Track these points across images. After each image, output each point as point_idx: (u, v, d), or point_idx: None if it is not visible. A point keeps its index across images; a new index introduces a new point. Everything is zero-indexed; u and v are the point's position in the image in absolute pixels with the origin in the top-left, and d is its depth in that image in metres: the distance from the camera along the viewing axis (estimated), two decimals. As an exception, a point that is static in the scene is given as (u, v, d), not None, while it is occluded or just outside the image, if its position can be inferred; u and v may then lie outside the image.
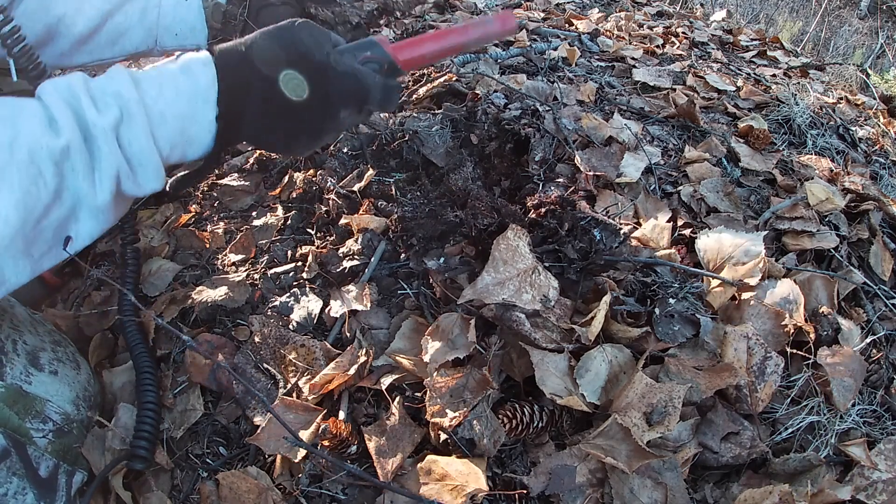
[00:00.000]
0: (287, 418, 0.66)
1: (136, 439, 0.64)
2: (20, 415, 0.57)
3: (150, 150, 0.52)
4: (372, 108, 0.63)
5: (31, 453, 0.56)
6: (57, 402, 0.61)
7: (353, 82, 0.60)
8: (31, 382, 0.60)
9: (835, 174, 1.10)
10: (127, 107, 0.50)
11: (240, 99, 0.56)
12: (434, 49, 0.67)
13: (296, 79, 0.56)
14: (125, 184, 0.52)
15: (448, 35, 0.67)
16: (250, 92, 0.56)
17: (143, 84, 0.52)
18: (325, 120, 0.60)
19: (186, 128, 0.54)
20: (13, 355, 0.59)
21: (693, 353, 0.73)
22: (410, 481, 0.61)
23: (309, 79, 0.57)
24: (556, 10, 1.95)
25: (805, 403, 0.71)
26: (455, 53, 0.75)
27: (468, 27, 0.68)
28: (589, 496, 0.61)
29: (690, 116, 1.20)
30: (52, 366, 0.63)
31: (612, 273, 0.79)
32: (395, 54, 0.64)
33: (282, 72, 0.56)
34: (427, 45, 0.67)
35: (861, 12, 5.35)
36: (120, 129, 0.50)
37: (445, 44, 0.67)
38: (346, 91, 0.59)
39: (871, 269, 0.93)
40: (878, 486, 0.64)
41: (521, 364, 0.69)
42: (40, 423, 0.58)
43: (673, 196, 1.01)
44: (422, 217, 0.81)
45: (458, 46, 0.68)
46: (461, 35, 0.67)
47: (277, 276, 0.84)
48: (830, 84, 1.80)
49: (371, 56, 0.63)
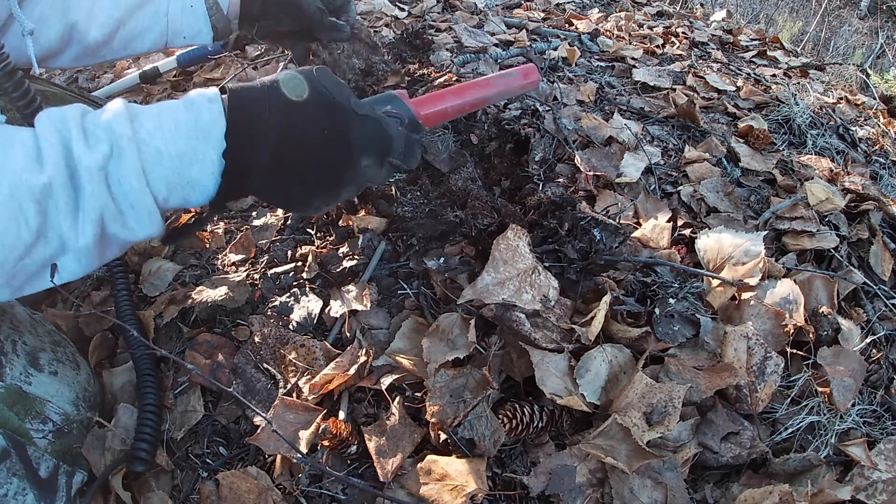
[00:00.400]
0: (287, 418, 0.66)
1: (137, 441, 0.64)
2: (20, 415, 0.57)
3: (142, 191, 0.46)
4: (394, 160, 0.58)
5: (31, 454, 0.56)
6: (57, 402, 0.61)
7: (376, 128, 0.56)
8: (31, 383, 0.60)
9: (835, 174, 1.10)
10: (118, 143, 0.45)
11: (250, 140, 0.50)
12: (455, 104, 0.65)
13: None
14: (111, 226, 0.46)
15: (470, 89, 0.66)
16: (264, 133, 0.50)
17: (140, 118, 0.47)
18: (345, 167, 0.55)
19: (186, 168, 0.48)
20: (13, 356, 0.59)
21: (693, 353, 0.73)
22: (410, 481, 0.61)
23: (329, 118, 0.52)
24: (556, 10, 1.95)
25: (805, 403, 0.71)
26: (477, 108, 0.72)
27: (490, 81, 0.66)
28: (589, 496, 0.61)
29: (690, 116, 1.20)
30: (51, 366, 0.63)
31: (612, 273, 0.79)
32: (416, 109, 0.62)
33: (303, 111, 0.51)
34: (448, 100, 0.65)
35: (861, 12, 5.35)
36: (109, 167, 0.45)
37: (468, 98, 0.65)
38: (368, 136, 0.55)
39: (871, 269, 0.93)
40: (878, 486, 0.64)
41: (521, 364, 0.69)
42: (40, 424, 0.58)
43: (673, 196, 1.01)
44: (422, 217, 0.81)
45: (480, 101, 0.66)
46: (483, 89, 0.66)
47: (277, 276, 0.84)
48: (830, 84, 1.80)
49: (391, 110, 0.60)
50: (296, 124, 0.51)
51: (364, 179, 0.58)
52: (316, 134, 0.52)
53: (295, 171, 0.52)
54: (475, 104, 0.66)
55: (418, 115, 0.62)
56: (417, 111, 0.62)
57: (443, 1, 1.79)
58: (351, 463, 0.65)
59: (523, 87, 0.68)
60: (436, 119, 0.64)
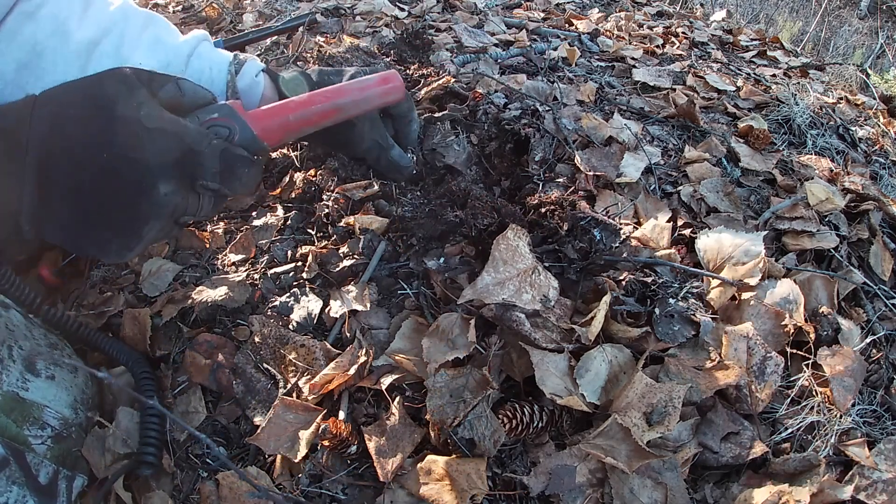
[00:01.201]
0: (287, 418, 0.66)
1: (142, 445, 0.63)
2: (18, 422, 0.56)
3: None
4: (208, 183, 0.46)
5: (31, 460, 0.55)
6: (55, 407, 0.61)
7: (173, 143, 0.44)
8: (28, 389, 0.59)
9: (835, 174, 1.10)
10: None
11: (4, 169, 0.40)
12: (300, 115, 0.54)
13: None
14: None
15: (318, 97, 0.56)
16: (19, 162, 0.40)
17: None
18: (138, 196, 0.43)
19: None
20: (9, 362, 0.59)
21: (693, 353, 0.73)
22: (410, 481, 0.61)
23: (107, 135, 0.42)
24: (556, 10, 1.95)
25: (805, 403, 0.71)
26: (331, 119, 0.60)
27: (343, 89, 0.57)
28: (589, 496, 0.61)
29: (690, 116, 1.20)
30: (48, 370, 0.63)
31: (612, 273, 0.79)
32: (252, 121, 0.51)
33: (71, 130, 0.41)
34: (292, 111, 0.54)
35: (861, 12, 5.35)
36: None
37: (315, 108, 0.55)
38: (162, 154, 0.43)
39: (871, 269, 0.93)
40: (878, 486, 0.64)
41: (521, 364, 0.69)
42: (38, 430, 0.58)
43: (673, 196, 1.01)
44: (422, 217, 0.81)
45: (331, 111, 0.56)
46: (335, 97, 0.56)
47: (277, 276, 0.84)
48: (830, 84, 1.80)
49: (216, 119, 0.49)
50: (64, 148, 0.41)
51: (171, 211, 0.46)
52: (92, 157, 0.42)
53: (73, 206, 0.42)
54: (326, 114, 0.56)
55: (254, 128, 0.51)
56: (254, 124, 0.51)
57: (443, 1, 1.79)
58: (351, 463, 0.65)
59: (384, 93, 0.58)
60: (279, 134, 0.54)
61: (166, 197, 0.44)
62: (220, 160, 0.46)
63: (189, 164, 0.45)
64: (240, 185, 0.49)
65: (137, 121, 0.43)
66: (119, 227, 0.44)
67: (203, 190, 0.47)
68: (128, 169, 0.42)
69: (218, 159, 0.46)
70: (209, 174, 0.46)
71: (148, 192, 0.43)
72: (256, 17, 1.71)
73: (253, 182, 0.51)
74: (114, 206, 0.43)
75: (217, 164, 0.46)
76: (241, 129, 0.50)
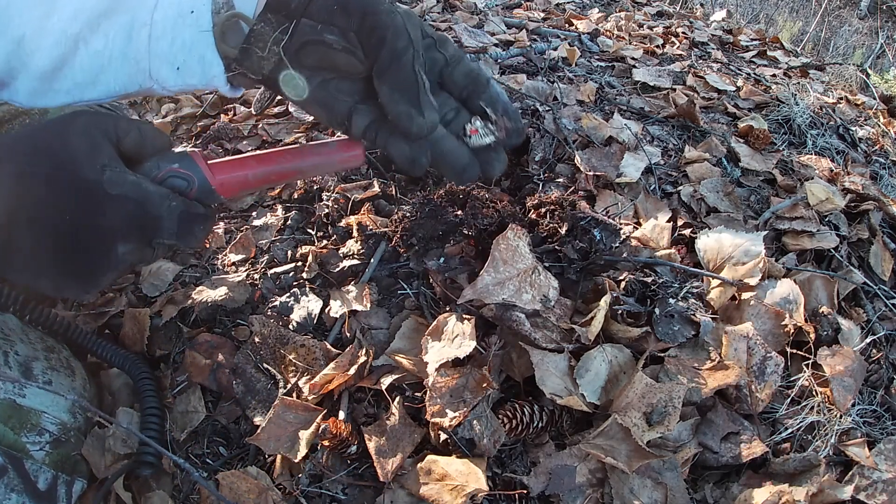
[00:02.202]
0: (287, 418, 0.66)
1: (142, 445, 0.63)
2: (15, 430, 0.56)
3: None
4: (164, 241, 0.48)
5: (29, 467, 0.55)
6: (52, 412, 0.60)
7: (134, 210, 0.45)
8: (25, 395, 0.58)
9: (835, 174, 1.10)
10: None
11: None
12: (260, 172, 0.54)
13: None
14: None
15: (279, 157, 0.55)
16: None
17: None
18: (98, 258, 0.46)
19: None
20: (5, 368, 0.58)
21: (693, 353, 0.73)
22: (410, 481, 0.61)
23: (68, 201, 0.43)
24: (556, 10, 1.95)
25: (805, 403, 0.71)
26: (289, 179, 0.59)
27: (304, 150, 0.56)
28: (589, 496, 0.61)
29: (690, 116, 1.20)
30: (45, 375, 0.62)
31: (612, 273, 0.79)
32: (210, 173, 0.51)
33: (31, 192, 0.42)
34: (251, 167, 0.54)
35: (861, 12, 5.35)
36: None
37: (275, 167, 0.55)
38: (123, 220, 0.45)
39: (871, 269, 0.93)
40: (878, 486, 0.64)
41: (521, 364, 0.69)
42: (36, 436, 0.57)
43: (673, 196, 1.01)
44: (422, 217, 0.81)
45: (291, 172, 0.56)
46: (295, 158, 0.55)
47: (277, 276, 0.84)
48: (830, 84, 1.80)
49: (176, 170, 0.49)
50: (28, 205, 0.42)
51: (126, 265, 0.48)
52: (54, 218, 0.43)
53: (34, 256, 0.44)
54: (284, 174, 0.55)
55: (212, 181, 0.51)
56: (212, 175, 0.51)
57: (443, 1, 1.79)
58: (351, 463, 0.65)
59: (344, 161, 0.56)
60: (235, 188, 0.53)
61: (124, 255, 0.47)
62: (178, 221, 0.49)
63: (147, 226, 0.47)
64: (193, 240, 0.51)
65: (100, 185, 0.44)
66: (77, 276, 0.46)
67: (158, 245, 0.49)
68: (89, 232, 0.45)
69: (176, 221, 0.48)
70: (166, 234, 0.48)
71: (107, 252, 0.46)
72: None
73: (206, 235, 0.52)
74: (73, 260, 0.45)
75: (175, 225, 0.48)
76: (199, 181, 0.51)
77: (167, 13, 0.50)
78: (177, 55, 0.51)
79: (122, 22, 0.51)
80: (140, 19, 0.51)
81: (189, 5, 0.50)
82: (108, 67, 0.52)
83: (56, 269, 0.45)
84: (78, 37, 0.51)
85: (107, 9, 0.50)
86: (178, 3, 0.50)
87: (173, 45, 0.51)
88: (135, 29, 0.51)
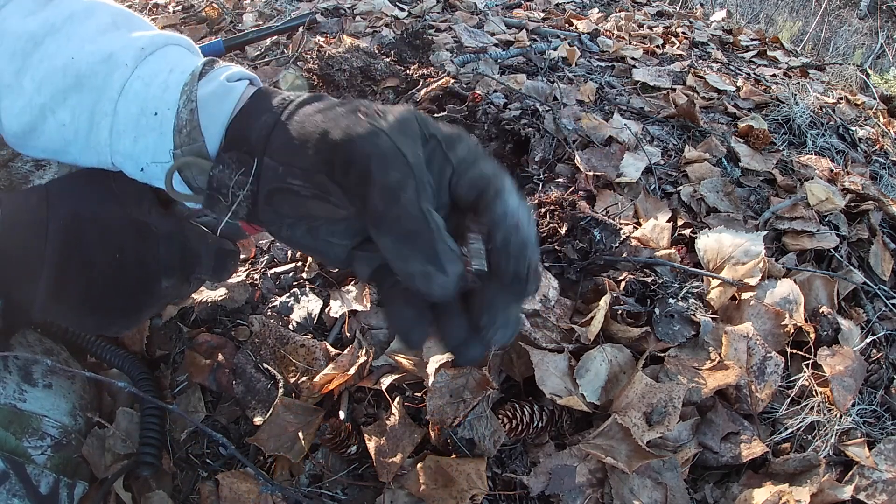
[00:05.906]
0: (287, 418, 0.66)
1: (142, 445, 0.63)
2: (16, 435, 0.56)
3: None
4: (201, 275, 0.51)
5: (31, 472, 0.55)
6: (53, 415, 0.60)
7: (176, 246, 0.48)
8: (26, 399, 0.58)
9: (835, 174, 1.10)
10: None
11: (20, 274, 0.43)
12: None
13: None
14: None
15: None
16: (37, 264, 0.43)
17: None
18: (144, 290, 0.48)
19: None
20: (5, 373, 0.58)
21: (693, 353, 0.73)
22: (410, 481, 0.61)
23: (126, 240, 0.46)
24: (556, 10, 1.95)
25: (805, 403, 0.71)
26: None
27: None
28: (589, 496, 0.61)
29: (690, 116, 1.20)
30: (45, 379, 0.62)
31: (611, 273, 0.79)
32: None
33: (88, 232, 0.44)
34: None
35: (861, 12, 5.36)
36: None
37: None
38: (169, 258, 0.48)
39: (871, 269, 0.93)
40: (878, 486, 0.64)
41: (521, 364, 0.69)
42: (38, 441, 0.57)
43: (673, 196, 1.01)
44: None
45: None
46: None
47: (277, 276, 0.84)
48: (830, 84, 1.80)
49: (205, 210, 0.50)
50: (81, 243, 0.44)
51: (166, 301, 0.51)
52: (105, 256, 0.45)
53: (83, 295, 0.45)
54: None
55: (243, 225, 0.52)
56: None
57: (443, 1, 1.79)
58: (351, 463, 0.65)
59: None
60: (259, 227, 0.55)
61: (166, 289, 0.49)
62: (214, 257, 0.51)
63: (188, 263, 0.50)
64: (225, 275, 0.54)
65: (147, 226, 0.47)
66: (121, 312, 0.48)
67: (195, 280, 0.52)
68: (137, 269, 0.47)
69: (213, 257, 0.51)
70: (205, 269, 0.51)
71: (152, 288, 0.48)
72: (256, 17, 1.71)
73: (235, 270, 0.56)
74: (119, 296, 0.47)
75: (212, 261, 0.51)
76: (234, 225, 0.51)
77: (129, 109, 0.42)
78: (139, 157, 0.43)
79: (86, 103, 0.44)
80: (102, 108, 0.43)
81: (154, 105, 0.42)
82: (74, 143, 0.46)
83: (104, 309, 0.47)
84: (45, 107, 0.44)
85: (74, 83, 0.43)
86: (144, 98, 0.42)
87: (136, 145, 0.43)
88: (96, 115, 0.44)
